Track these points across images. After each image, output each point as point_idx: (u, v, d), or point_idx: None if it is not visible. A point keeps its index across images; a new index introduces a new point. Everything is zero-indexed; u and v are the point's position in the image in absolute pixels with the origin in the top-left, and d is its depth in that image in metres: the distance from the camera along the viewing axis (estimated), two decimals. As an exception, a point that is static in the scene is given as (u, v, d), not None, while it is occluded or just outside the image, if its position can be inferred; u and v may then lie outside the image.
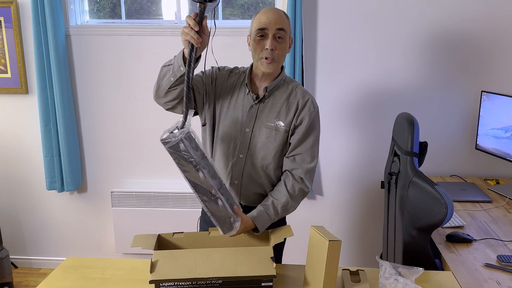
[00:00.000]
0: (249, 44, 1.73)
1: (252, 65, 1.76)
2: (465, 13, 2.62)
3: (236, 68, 1.82)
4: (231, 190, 1.66)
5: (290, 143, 1.73)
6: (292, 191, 1.70)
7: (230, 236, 1.55)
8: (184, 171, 1.47)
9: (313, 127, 1.74)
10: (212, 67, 1.81)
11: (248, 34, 1.73)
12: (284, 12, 1.70)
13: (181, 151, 1.43)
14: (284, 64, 1.80)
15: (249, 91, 1.72)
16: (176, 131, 1.46)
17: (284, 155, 1.75)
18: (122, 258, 1.82)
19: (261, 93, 1.73)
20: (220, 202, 1.50)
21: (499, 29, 2.63)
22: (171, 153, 1.45)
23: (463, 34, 2.65)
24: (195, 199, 2.88)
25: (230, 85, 1.77)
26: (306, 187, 1.73)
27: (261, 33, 1.64)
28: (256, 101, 1.72)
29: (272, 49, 1.63)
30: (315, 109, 1.74)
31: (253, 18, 1.70)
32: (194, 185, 1.49)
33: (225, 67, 1.82)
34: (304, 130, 1.71)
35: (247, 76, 1.74)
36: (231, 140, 1.73)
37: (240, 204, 1.77)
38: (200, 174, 1.46)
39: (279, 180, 1.76)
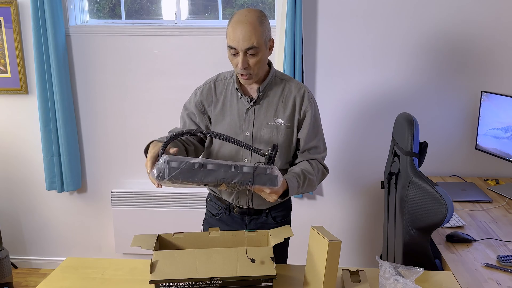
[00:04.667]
0: None
1: None
2: (465, 13, 2.62)
3: (220, 74, 1.78)
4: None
5: (299, 139, 1.74)
6: (317, 170, 1.73)
7: (280, 186, 1.48)
8: (199, 181, 1.41)
9: (317, 117, 1.76)
10: (195, 92, 1.78)
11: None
12: (258, 18, 1.58)
13: (178, 167, 1.39)
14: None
15: (241, 95, 1.71)
16: (158, 164, 1.41)
17: (296, 151, 1.76)
18: (122, 258, 1.81)
19: (253, 94, 1.71)
20: (246, 169, 1.43)
21: (499, 29, 2.63)
22: (176, 179, 1.39)
23: (463, 35, 2.65)
24: (195, 199, 2.88)
25: (219, 94, 1.74)
26: (326, 170, 1.79)
27: (232, 51, 1.59)
28: (251, 103, 1.70)
29: (245, 68, 1.58)
30: (312, 98, 1.75)
31: (227, 26, 1.62)
32: (218, 179, 1.42)
33: (206, 82, 1.78)
34: (311, 122, 1.72)
35: (235, 81, 1.71)
36: (233, 147, 1.72)
37: (249, 207, 1.77)
38: (209, 165, 1.42)
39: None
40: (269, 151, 1.47)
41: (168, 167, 1.38)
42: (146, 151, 1.54)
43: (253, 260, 1.44)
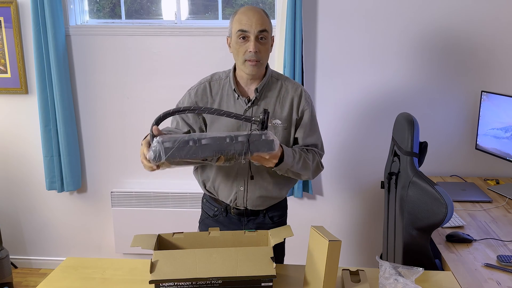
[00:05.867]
0: (229, 46, 1.68)
1: (235, 68, 1.72)
2: (465, 13, 2.62)
3: (214, 74, 1.77)
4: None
5: (296, 138, 1.73)
6: (312, 158, 1.72)
7: (278, 149, 1.46)
8: (196, 157, 1.37)
9: (314, 116, 1.76)
10: (189, 92, 1.76)
11: (228, 36, 1.68)
12: (264, 11, 1.65)
13: (173, 146, 1.35)
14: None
15: (238, 96, 1.69)
16: (152, 146, 1.38)
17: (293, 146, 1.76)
18: (122, 258, 1.82)
19: (251, 95, 1.70)
20: (241, 138, 1.41)
21: (499, 28, 2.63)
22: (173, 158, 1.35)
23: (463, 34, 2.65)
24: (195, 199, 2.88)
25: (215, 95, 1.73)
26: (321, 165, 1.78)
27: (243, 34, 1.59)
28: (249, 105, 1.69)
29: (256, 52, 1.58)
30: (309, 97, 1.75)
31: (232, 18, 1.64)
32: (215, 152, 1.38)
33: (200, 82, 1.76)
34: (308, 122, 1.72)
35: (232, 81, 1.70)
36: None
37: (246, 208, 1.77)
38: (204, 140, 1.38)
39: (283, 178, 1.75)
40: (261, 116, 1.44)
41: (163, 147, 1.36)
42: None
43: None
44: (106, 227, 3.12)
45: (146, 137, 1.49)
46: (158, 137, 1.38)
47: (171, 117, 1.79)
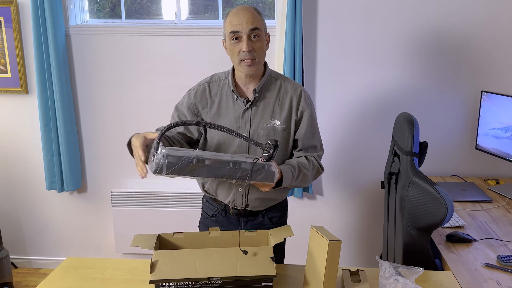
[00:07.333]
0: (225, 48, 1.68)
1: (233, 69, 1.72)
2: (464, 13, 2.62)
3: (214, 75, 1.77)
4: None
5: (296, 139, 1.73)
6: (312, 166, 1.72)
7: (276, 179, 1.50)
8: (197, 175, 1.40)
9: (313, 116, 1.75)
10: (189, 94, 1.76)
11: (223, 38, 1.68)
12: (255, 9, 1.64)
13: (177, 163, 1.36)
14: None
15: (237, 97, 1.69)
16: (156, 155, 1.37)
17: (293, 149, 1.76)
18: (122, 258, 1.82)
19: (249, 95, 1.70)
20: (244, 165, 1.43)
21: (499, 29, 2.63)
22: (173, 174, 1.37)
23: (463, 34, 2.65)
24: (195, 199, 2.88)
25: (214, 96, 1.73)
26: (321, 168, 1.78)
27: (235, 35, 1.59)
28: (248, 105, 1.69)
29: (250, 50, 1.59)
30: (309, 97, 1.74)
31: (224, 21, 1.65)
32: (216, 175, 1.41)
33: (199, 83, 1.76)
34: (308, 123, 1.71)
35: (231, 82, 1.69)
36: (228, 149, 1.71)
37: (245, 209, 1.76)
38: (207, 161, 1.40)
39: None
40: (271, 151, 1.46)
41: (166, 162, 1.36)
42: (129, 144, 1.56)
43: (245, 252, 1.44)
44: (106, 227, 3.12)
45: (139, 134, 1.51)
46: (164, 150, 1.37)
47: (171, 117, 1.80)
